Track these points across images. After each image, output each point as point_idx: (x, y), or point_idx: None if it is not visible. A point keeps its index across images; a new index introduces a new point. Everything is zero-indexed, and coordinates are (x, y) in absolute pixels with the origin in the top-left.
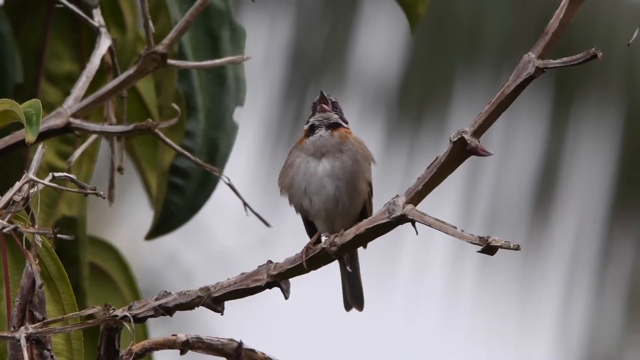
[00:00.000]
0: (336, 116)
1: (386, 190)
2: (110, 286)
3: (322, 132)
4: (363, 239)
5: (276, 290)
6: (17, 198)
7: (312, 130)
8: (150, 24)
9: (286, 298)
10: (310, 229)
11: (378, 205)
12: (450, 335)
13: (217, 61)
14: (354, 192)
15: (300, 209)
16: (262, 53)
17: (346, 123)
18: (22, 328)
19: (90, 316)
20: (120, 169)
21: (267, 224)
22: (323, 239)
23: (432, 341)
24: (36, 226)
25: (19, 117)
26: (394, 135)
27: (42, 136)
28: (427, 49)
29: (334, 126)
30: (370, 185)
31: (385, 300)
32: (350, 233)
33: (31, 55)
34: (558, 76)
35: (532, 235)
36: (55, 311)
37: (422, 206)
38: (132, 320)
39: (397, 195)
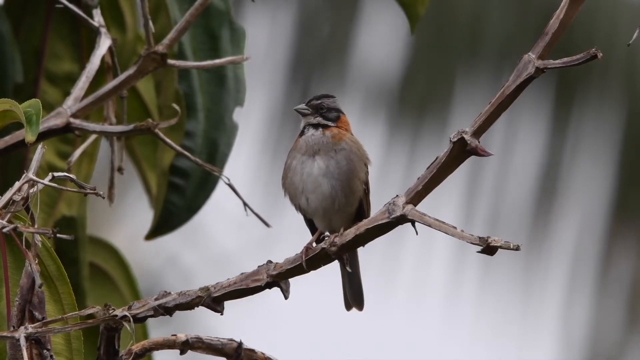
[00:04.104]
0: (319, 118)
1: (388, 188)
2: (110, 286)
3: (312, 131)
4: (363, 239)
5: (276, 290)
6: (17, 198)
7: (304, 130)
8: (150, 24)
9: (286, 298)
10: (312, 227)
11: (379, 204)
12: (452, 335)
13: (217, 61)
14: (349, 191)
15: (298, 208)
16: (263, 51)
17: (333, 121)
18: (22, 328)
19: (90, 316)
20: (120, 169)
21: (266, 224)
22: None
23: (434, 341)
24: (36, 226)
25: (19, 117)
26: (396, 133)
27: (42, 136)
28: (428, 47)
29: (323, 126)
30: (366, 184)
31: (387, 299)
32: (350, 233)
33: (31, 55)
34: (559, 76)
35: (533, 236)
36: (55, 311)
37: (424, 206)
38: (131, 320)
39: (397, 196)
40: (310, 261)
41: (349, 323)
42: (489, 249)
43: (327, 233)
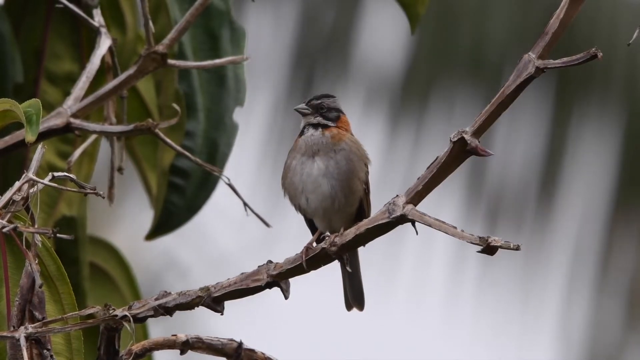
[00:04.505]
0: (319, 118)
1: (390, 185)
2: (110, 286)
3: (312, 131)
4: (363, 239)
5: (276, 290)
6: (17, 198)
7: (303, 130)
8: (151, 24)
9: (286, 298)
10: (312, 228)
11: (381, 203)
12: (452, 335)
13: (217, 61)
14: (348, 191)
15: (298, 208)
16: (265, 49)
17: (333, 120)
18: (22, 328)
19: (90, 316)
20: (120, 169)
21: (267, 224)
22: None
23: (434, 340)
24: (36, 226)
25: (19, 117)
26: (398, 129)
27: (42, 136)
28: (430, 44)
29: (323, 126)
30: (366, 183)
31: (387, 299)
32: (350, 233)
33: (31, 55)
34: (561, 74)
35: (533, 235)
36: (55, 311)
37: (424, 206)
38: (132, 320)
39: (397, 195)
40: (311, 261)
41: (349, 323)
42: (489, 249)
43: (327, 233)
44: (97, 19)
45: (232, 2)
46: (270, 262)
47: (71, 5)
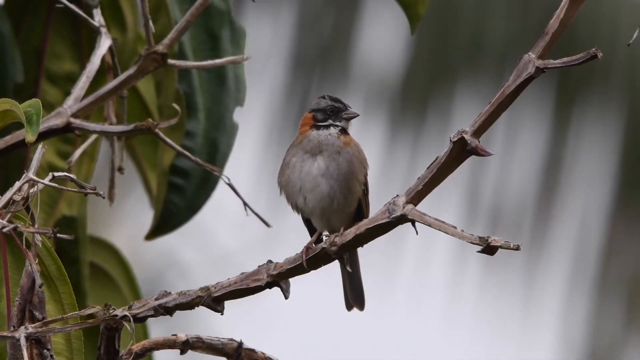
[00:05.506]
0: (347, 123)
1: (390, 186)
2: (110, 286)
3: (332, 130)
4: (363, 239)
5: (276, 290)
6: (17, 198)
7: (321, 123)
8: (151, 23)
9: (286, 298)
10: (310, 227)
11: (381, 203)
12: (452, 334)
13: (217, 61)
14: (347, 192)
15: (295, 207)
16: (265, 50)
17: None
18: (22, 328)
19: (90, 316)
20: (120, 169)
21: (267, 224)
22: (323, 238)
23: (435, 340)
24: (36, 226)
25: (19, 117)
26: (398, 131)
27: (43, 136)
28: (430, 45)
29: (343, 130)
30: (364, 184)
31: (387, 299)
32: (350, 233)
33: (31, 55)
34: (561, 75)
35: (534, 236)
36: (55, 311)
37: (424, 206)
38: (132, 320)
39: (398, 195)
40: (311, 261)
41: (349, 323)
42: (489, 249)
43: (326, 233)
44: (97, 18)
45: (232, 2)
46: (270, 262)
47: (71, 5)
